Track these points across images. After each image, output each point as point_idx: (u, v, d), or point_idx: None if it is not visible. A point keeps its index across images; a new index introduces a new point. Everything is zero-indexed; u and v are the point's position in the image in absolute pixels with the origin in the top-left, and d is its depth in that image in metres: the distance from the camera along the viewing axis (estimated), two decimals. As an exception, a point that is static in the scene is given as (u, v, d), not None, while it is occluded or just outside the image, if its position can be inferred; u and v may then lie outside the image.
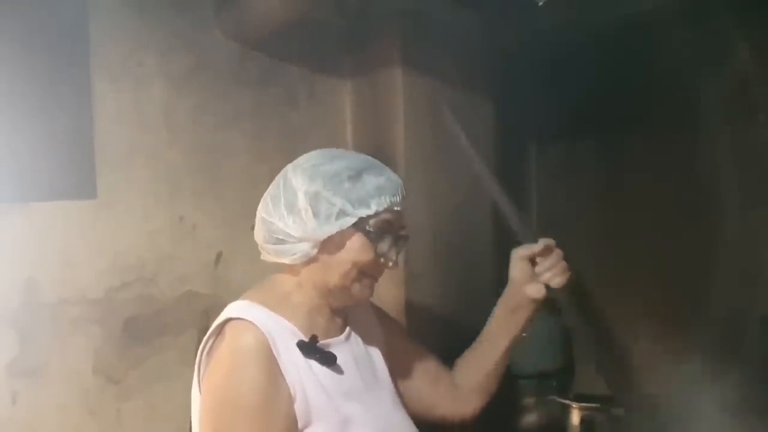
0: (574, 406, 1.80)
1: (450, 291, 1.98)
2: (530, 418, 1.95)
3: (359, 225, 1.35)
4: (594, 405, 1.77)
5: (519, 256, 1.51)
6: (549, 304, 1.93)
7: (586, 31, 1.84)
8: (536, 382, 1.98)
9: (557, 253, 1.49)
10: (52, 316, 1.78)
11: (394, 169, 1.87)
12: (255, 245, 1.47)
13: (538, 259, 1.50)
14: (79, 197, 1.80)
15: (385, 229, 1.37)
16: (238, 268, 1.96)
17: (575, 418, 1.79)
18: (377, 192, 1.35)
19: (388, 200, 1.36)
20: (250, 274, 1.52)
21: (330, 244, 1.36)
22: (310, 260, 1.38)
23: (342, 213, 1.34)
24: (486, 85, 2.00)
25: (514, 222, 1.52)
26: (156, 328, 1.88)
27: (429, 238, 1.95)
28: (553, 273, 1.48)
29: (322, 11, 1.88)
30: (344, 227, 1.34)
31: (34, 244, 1.76)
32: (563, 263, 1.49)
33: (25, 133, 1.74)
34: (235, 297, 1.46)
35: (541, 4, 1.49)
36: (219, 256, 1.96)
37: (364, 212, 1.34)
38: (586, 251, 2.05)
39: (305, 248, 1.36)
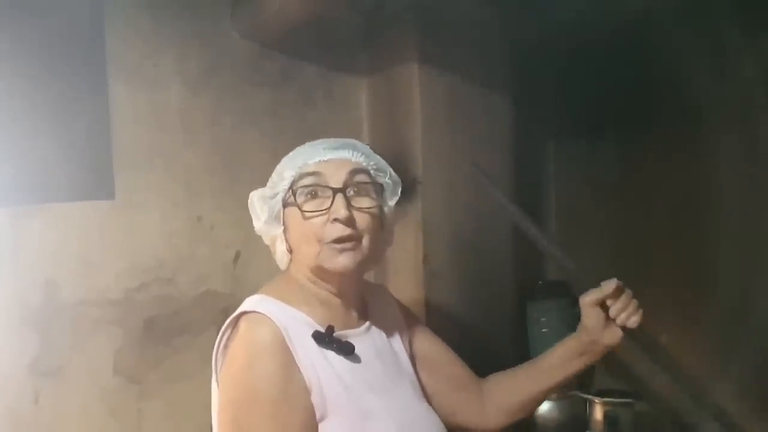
0: (597, 401, 1.78)
1: (469, 289, 1.96)
2: (552, 414, 1.94)
3: (288, 201, 1.35)
4: (617, 400, 1.75)
5: (589, 302, 1.42)
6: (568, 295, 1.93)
7: (604, 27, 1.82)
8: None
9: (627, 292, 1.41)
10: (72, 317, 1.79)
11: (412, 167, 1.90)
12: (273, 245, 1.47)
13: (608, 302, 1.40)
14: (97, 198, 1.81)
15: (309, 188, 1.34)
16: (256, 267, 1.96)
17: (598, 413, 1.77)
18: (290, 160, 1.37)
19: (301, 161, 1.35)
20: (269, 273, 1.51)
21: (287, 234, 1.38)
22: (291, 256, 1.40)
23: (265, 198, 1.38)
24: (504, 81, 1.99)
25: (571, 269, 1.45)
26: (175, 328, 1.89)
27: (448, 235, 1.93)
28: (627, 313, 1.40)
29: (338, 8, 1.87)
30: (276, 209, 1.36)
31: (53, 246, 1.77)
32: (635, 301, 1.41)
33: (43, 135, 1.75)
34: (254, 295, 1.45)
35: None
36: (237, 255, 1.96)
37: (281, 186, 1.35)
38: (604, 247, 2.04)
39: (280, 248, 1.39)
